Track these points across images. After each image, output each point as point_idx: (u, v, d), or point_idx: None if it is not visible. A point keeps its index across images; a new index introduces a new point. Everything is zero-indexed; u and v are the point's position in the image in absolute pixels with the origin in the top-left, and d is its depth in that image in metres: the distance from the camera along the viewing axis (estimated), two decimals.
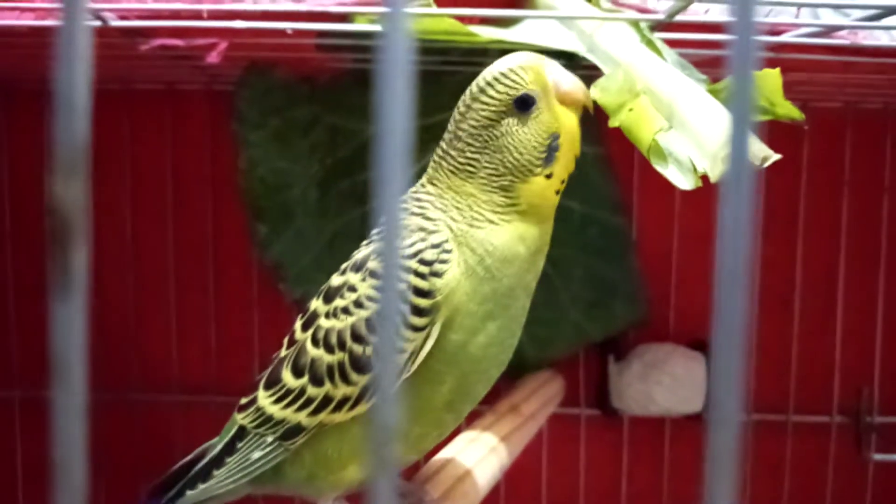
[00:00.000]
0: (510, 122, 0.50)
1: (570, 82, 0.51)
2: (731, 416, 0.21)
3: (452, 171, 0.51)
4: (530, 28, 0.62)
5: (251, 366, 0.93)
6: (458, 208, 0.50)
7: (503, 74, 0.50)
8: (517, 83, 0.50)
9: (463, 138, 0.51)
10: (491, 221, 0.50)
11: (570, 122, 0.51)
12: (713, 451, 0.22)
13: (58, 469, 0.16)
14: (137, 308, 0.95)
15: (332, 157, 0.85)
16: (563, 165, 0.51)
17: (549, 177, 0.51)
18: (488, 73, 0.51)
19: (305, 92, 0.84)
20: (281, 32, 0.64)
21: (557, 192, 0.52)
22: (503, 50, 0.74)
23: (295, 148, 0.84)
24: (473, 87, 0.51)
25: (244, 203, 0.86)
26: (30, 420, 0.97)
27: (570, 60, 0.70)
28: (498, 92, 0.50)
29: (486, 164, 0.51)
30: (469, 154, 0.51)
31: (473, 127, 0.51)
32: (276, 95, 0.83)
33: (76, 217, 0.16)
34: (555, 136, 0.51)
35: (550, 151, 0.51)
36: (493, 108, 0.50)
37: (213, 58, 0.67)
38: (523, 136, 0.50)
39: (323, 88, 0.84)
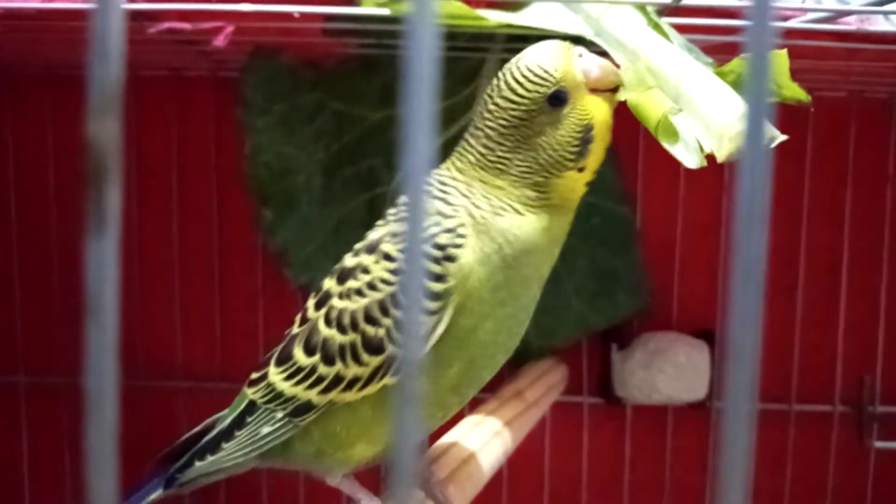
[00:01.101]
0: (542, 121, 0.50)
1: (599, 68, 0.51)
2: (744, 406, 0.21)
3: (482, 167, 0.51)
4: (537, 11, 0.62)
5: (256, 353, 0.93)
6: (485, 197, 0.50)
7: (531, 72, 0.49)
8: (547, 80, 0.49)
9: (493, 137, 0.50)
10: (518, 212, 0.50)
11: (602, 113, 0.51)
12: (726, 444, 0.22)
13: (90, 404, 0.16)
14: (143, 294, 0.95)
15: (337, 143, 0.85)
16: (596, 157, 0.51)
17: (581, 170, 0.51)
18: (515, 69, 0.50)
19: (311, 78, 0.84)
20: (288, 16, 0.64)
21: (587, 184, 0.52)
22: (510, 35, 0.74)
23: (300, 134, 0.84)
24: (501, 83, 0.50)
25: (249, 189, 0.86)
26: (35, 406, 0.97)
27: (577, 44, 0.70)
28: (528, 91, 0.49)
29: (519, 163, 0.50)
30: (500, 153, 0.50)
31: (503, 126, 0.50)
32: (281, 81, 0.83)
33: (111, 155, 0.16)
34: (588, 129, 0.50)
35: (584, 144, 0.50)
36: (525, 108, 0.49)
37: (219, 41, 0.67)
38: (556, 133, 0.50)
39: (328, 74, 0.85)
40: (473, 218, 0.50)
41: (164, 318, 0.95)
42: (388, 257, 0.50)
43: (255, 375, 0.56)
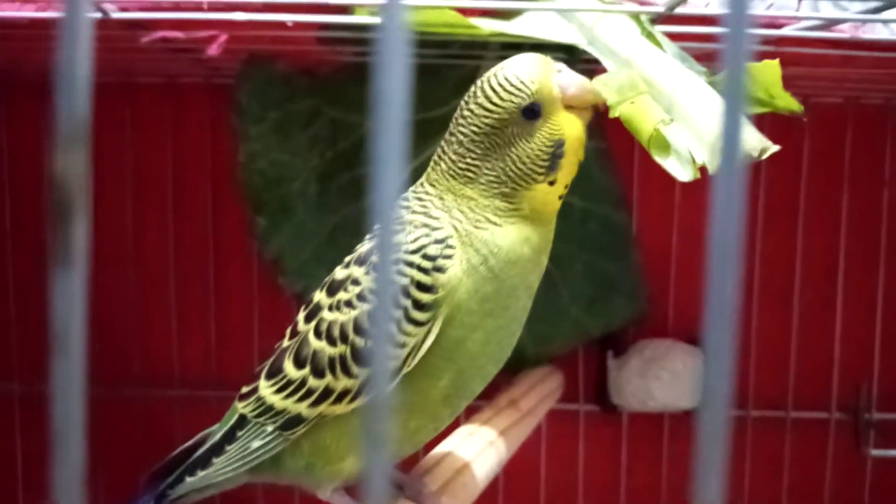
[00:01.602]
0: (514, 131, 0.49)
1: (576, 86, 0.50)
2: (720, 409, 0.21)
3: (452, 175, 0.51)
4: (531, 20, 0.62)
5: (251, 360, 0.93)
6: (460, 210, 0.50)
7: (508, 81, 0.49)
8: (522, 91, 0.49)
9: (464, 143, 0.50)
10: (494, 224, 0.50)
11: (575, 130, 0.50)
12: (702, 441, 0.22)
13: (56, 441, 0.16)
14: (138, 302, 0.95)
15: (332, 150, 0.85)
16: (567, 172, 0.51)
17: (552, 183, 0.50)
18: (493, 77, 0.50)
19: (306, 85, 0.84)
20: (281, 25, 0.64)
21: (560, 197, 0.52)
22: (503, 44, 0.74)
23: (295, 141, 0.84)
24: (477, 90, 0.50)
25: (244, 196, 0.86)
26: (29, 414, 0.97)
27: (570, 53, 0.70)
28: (502, 100, 0.49)
29: (487, 171, 0.50)
30: (469, 160, 0.50)
31: (475, 133, 0.50)
32: (276, 88, 0.83)
33: (77, 190, 0.16)
34: (559, 144, 0.50)
35: (554, 159, 0.50)
36: (497, 116, 0.49)
37: (213, 50, 0.67)
38: (527, 145, 0.49)
39: (323, 81, 0.84)
40: (457, 230, 0.49)
41: (159, 325, 0.95)
42: (377, 268, 0.50)
43: (245, 389, 0.55)
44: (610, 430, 0.96)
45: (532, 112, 0.49)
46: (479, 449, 0.65)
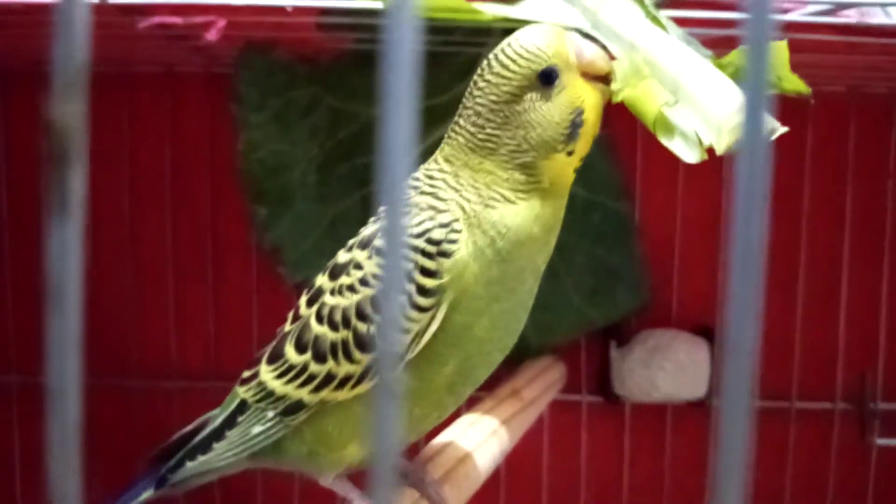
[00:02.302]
0: (533, 97, 0.49)
1: (591, 52, 0.50)
2: (741, 406, 0.21)
3: (471, 149, 0.50)
4: (534, 4, 0.61)
5: (250, 352, 0.92)
6: (474, 187, 0.49)
7: (524, 48, 0.49)
8: (539, 56, 0.48)
9: (483, 114, 0.49)
10: (508, 200, 0.49)
11: (593, 98, 0.50)
12: (722, 445, 0.21)
13: (52, 400, 0.15)
14: (136, 293, 0.94)
15: (332, 139, 0.85)
16: (584, 144, 0.50)
17: (570, 154, 0.50)
18: (507, 46, 0.49)
19: (305, 73, 0.83)
20: (280, 10, 0.63)
21: (574, 171, 0.51)
22: (507, 29, 0.73)
23: (295, 130, 0.83)
24: (492, 60, 0.50)
25: (243, 186, 0.85)
26: (27, 406, 0.96)
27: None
28: (520, 66, 0.48)
29: (508, 141, 0.49)
30: (490, 130, 0.49)
31: (494, 102, 0.49)
32: (275, 76, 0.82)
33: (74, 137, 0.15)
34: (579, 112, 0.49)
35: (574, 127, 0.49)
36: (516, 83, 0.49)
37: (211, 35, 0.66)
38: (547, 111, 0.49)
39: (323, 69, 0.84)
40: (464, 211, 0.49)
41: (157, 316, 0.95)
42: (380, 252, 0.49)
43: (246, 374, 0.55)
44: (613, 420, 0.95)
45: (549, 77, 0.49)
46: (482, 438, 0.65)
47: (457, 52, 0.78)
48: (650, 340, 0.90)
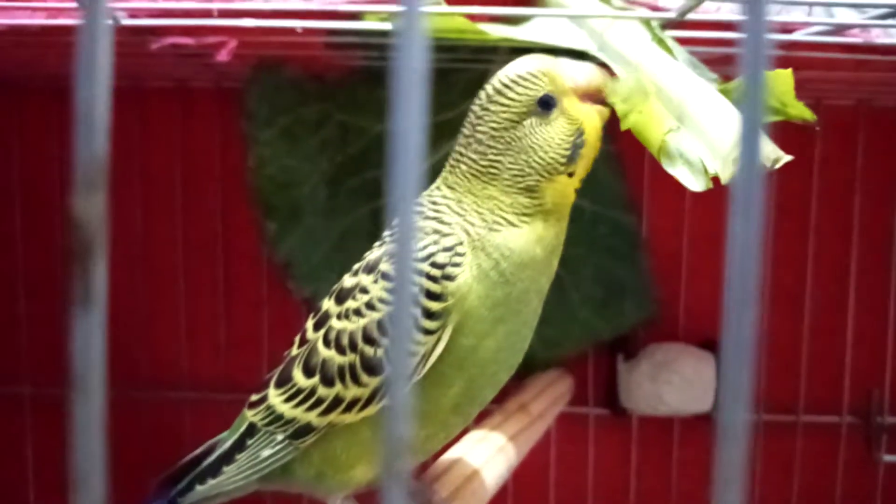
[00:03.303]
0: (533, 122, 0.50)
1: (585, 74, 0.52)
2: (738, 424, 0.21)
3: (474, 175, 0.51)
4: (540, 26, 0.61)
5: (261, 363, 0.93)
6: (477, 212, 0.50)
7: (521, 76, 0.50)
8: (537, 84, 0.50)
9: (483, 141, 0.51)
10: (511, 224, 0.50)
11: (593, 121, 0.52)
12: (721, 463, 0.21)
13: (77, 483, 0.16)
14: (147, 305, 0.95)
15: (341, 154, 0.85)
16: (584, 165, 0.52)
17: (571, 175, 0.51)
18: (504, 76, 0.51)
19: (315, 90, 0.84)
20: (291, 31, 0.64)
21: (575, 191, 0.52)
22: (513, 49, 0.74)
23: (304, 146, 0.84)
24: (489, 89, 0.51)
25: (254, 201, 0.86)
26: (39, 416, 0.97)
27: (580, 59, 0.69)
28: (518, 94, 0.50)
29: (510, 166, 0.50)
30: (491, 156, 0.51)
31: (494, 129, 0.50)
32: (285, 93, 0.83)
33: (96, 232, 0.16)
34: (579, 133, 0.51)
35: (575, 149, 0.51)
36: (515, 110, 0.50)
37: (222, 56, 0.67)
38: (548, 134, 0.50)
39: (333, 86, 0.84)
40: (469, 235, 0.50)
41: (168, 328, 0.95)
42: (386, 277, 0.50)
43: (255, 398, 0.55)
44: (620, 434, 0.96)
45: (547, 103, 0.51)
46: (489, 455, 0.65)
47: (464, 68, 0.79)
48: (657, 354, 0.90)
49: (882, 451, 0.91)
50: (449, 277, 0.48)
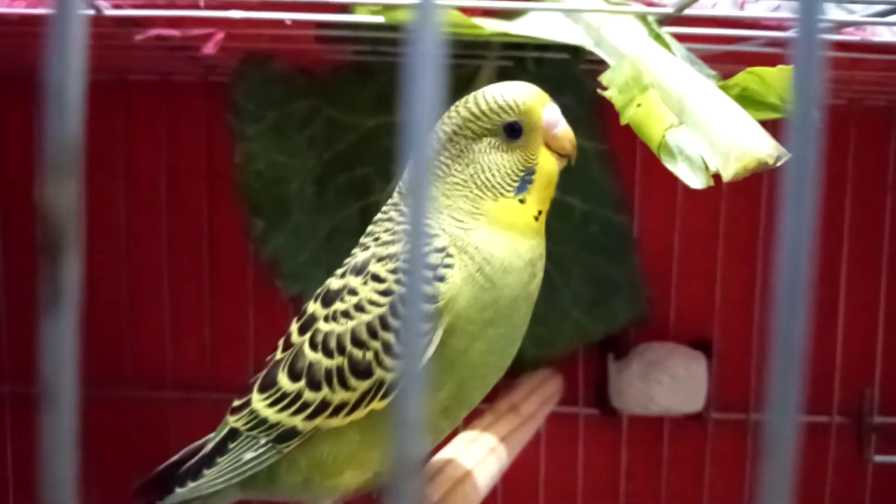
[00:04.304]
0: (493, 142, 0.50)
1: (561, 129, 0.51)
2: (787, 437, 0.20)
3: (437, 176, 0.50)
4: (536, 21, 0.60)
5: (246, 362, 0.92)
6: (451, 215, 0.50)
7: (502, 96, 0.50)
8: (512, 109, 0.50)
9: (440, 140, 0.50)
10: (470, 228, 0.49)
11: (548, 166, 0.51)
12: (768, 479, 0.20)
13: (46, 496, 0.15)
14: (131, 303, 0.94)
15: (330, 151, 0.84)
16: (538, 199, 0.51)
17: (522, 202, 0.50)
18: (488, 91, 0.51)
19: (304, 84, 0.82)
20: (279, 23, 0.63)
21: (536, 218, 0.51)
22: (506, 44, 0.73)
23: (292, 141, 0.83)
24: (471, 97, 0.51)
25: (241, 198, 0.85)
26: (20, 415, 0.95)
27: (576, 54, 0.69)
28: (491, 110, 0.50)
29: (456, 173, 0.50)
30: (442, 158, 0.50)
31: (455, 133, 0.50)
32: (273, 88, 0.81)
33: (68, 224, 0.14)
34: (530, 171, 0.50)
35: (523, 183, 0.50)
36: (481, 124, 0.50)
37: (209, 49, 0.65)
38: (500, 159, 0.50)
39: (322, 81, 0.83)
40: (451, 236, 0.49)
41: (153, 327, 0.94)
42: (376, 278, 0.49)
43: (237, 403, 0.54)
44: (610, 433, 0.95)
45: (514, 130, 0.50)
46: (481, 456, 0.64)
47: (457, 65, 0.78)
48: (648, 354, 0.89)
49: (872, 451, 0.91)
50: (440, 279, 0.47)
